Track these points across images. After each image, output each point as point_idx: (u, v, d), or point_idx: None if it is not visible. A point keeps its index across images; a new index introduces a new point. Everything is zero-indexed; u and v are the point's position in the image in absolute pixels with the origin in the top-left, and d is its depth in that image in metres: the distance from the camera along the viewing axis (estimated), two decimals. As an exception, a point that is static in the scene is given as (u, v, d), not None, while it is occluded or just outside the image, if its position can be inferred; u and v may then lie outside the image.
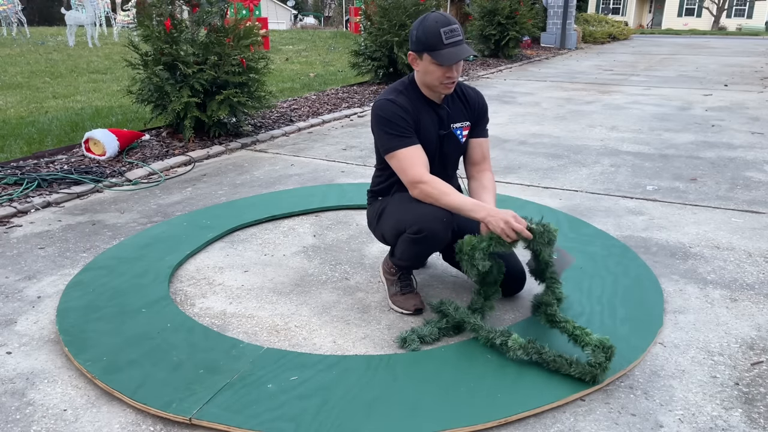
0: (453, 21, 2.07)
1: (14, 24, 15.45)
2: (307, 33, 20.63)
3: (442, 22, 2.06)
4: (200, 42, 4.86)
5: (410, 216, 2.15)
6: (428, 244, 2.19)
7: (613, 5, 40.54)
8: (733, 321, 2.27)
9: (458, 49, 2.07)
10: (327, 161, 4.61)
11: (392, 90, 2.24)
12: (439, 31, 2.04)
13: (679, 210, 3.48)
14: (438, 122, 2.26)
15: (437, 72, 2.10)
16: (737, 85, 8.81)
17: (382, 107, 2.18)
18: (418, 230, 2.12)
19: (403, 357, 2.01)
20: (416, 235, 2.13)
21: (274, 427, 1.67)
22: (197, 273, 2.72)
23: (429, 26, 2.06)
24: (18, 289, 2.55)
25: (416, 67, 2.17)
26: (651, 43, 19.67)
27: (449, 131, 2.28)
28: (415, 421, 1.70)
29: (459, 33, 2.07)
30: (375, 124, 2.21)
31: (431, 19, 2.07)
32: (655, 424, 1.71)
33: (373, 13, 8.08)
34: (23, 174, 3.93)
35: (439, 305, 2.22)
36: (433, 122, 2.24)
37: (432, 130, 2.24)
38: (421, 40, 2.08)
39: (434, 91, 2.20)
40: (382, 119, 2.18)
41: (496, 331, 2.01)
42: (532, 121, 6.10)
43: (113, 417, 1.76)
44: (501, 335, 1.99)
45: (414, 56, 2.15)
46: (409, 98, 2.21)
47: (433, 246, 2.21)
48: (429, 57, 2.08)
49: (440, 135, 2.27)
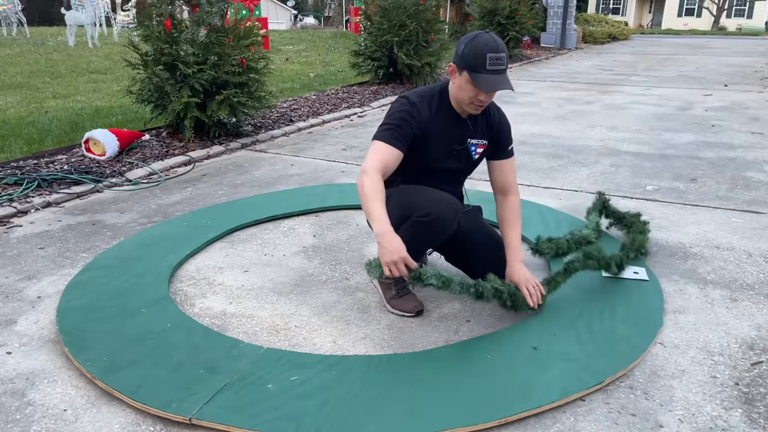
0: (502, 49, 2.05)
1: (14, 24, 15.46)
2: (307, 33, 20.63)
3: (492, 47, 2.03)
4: (200, 42, 4.86)
5: (418, 200, 2.15)
6: (435, 229, 2.15)
7: (613, 5, 40.55)
8: (733, 321, 2.27)
9: (498, 78, 2.05)
10: (327, 161, 4.61)
11: (420, 93, 2.24)
12: (485, 55, 2.02)
13: (679, 210, 3.48)
14: (458, 137, 2.25)
15: (471, 92, 2.10)
16: (737, 85, 8.82)
17: (401, 105, 2.20)
18: (426, 213, 2.10)
19: (403, 357, 2.01)
20: (424, 218, 2.10)
21: (274, 427, 1.67)
22: (197, 273, 2.72)
23: (477, 47, 2.04)
24: (18, 289, 2.55)
25: (453, 79, 2.16)
26: (651, 43, 19.68)
27: (465, 146, 2.28)
28: (415, 421, 1.70)
29: (504, 62, 2.05)
30: (387, 111, 2.23)
31: (482, 41, 2.05)
32: (655, 424, 1.71)
33: (373, 13, 8.08)
34: (23, 174, 3.93)
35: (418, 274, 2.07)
36: (451, 135, 2.24)
37: (448, 142, 2.24)
38: (466, 57, 2.06)
39: (462, 108, 2.21)
40: (392, 113, 2.20)
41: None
42: (532, 121, 6.10)
43: (113, 417, 1.76)
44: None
45: (454, 68, 2.13)
46: (435, 106, 2.21)
47: (439, 232, 2.17)
48: (468, 76, 2.07)
49: (455, 149, 2.26)
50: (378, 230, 1.97)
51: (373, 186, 2.04)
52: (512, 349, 2.03)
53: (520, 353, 2.01)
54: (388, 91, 7.94)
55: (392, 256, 1.94)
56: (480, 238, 2.36)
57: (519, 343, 2.06)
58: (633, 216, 2.96)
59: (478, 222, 2.41)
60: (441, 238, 2.22)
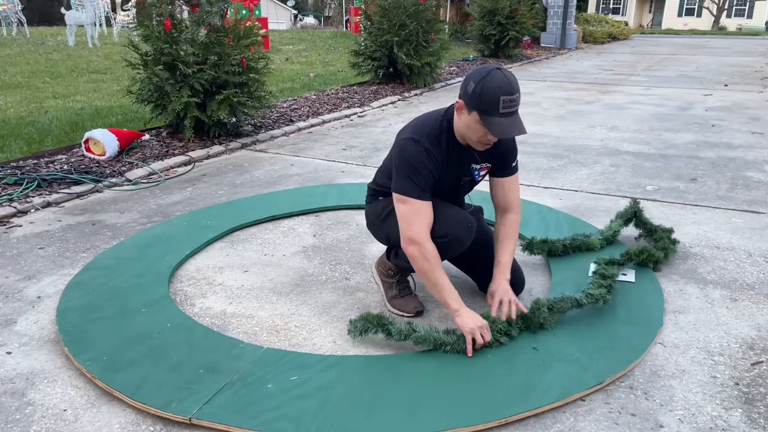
0: (516, 89, 1.91)
1: (14, 24, 15.44)
2: (307, 33, 20.63)
3: (505, 88, 1.89)
4: (200, 42, 4.86)
5: (435, 221, 2.09)
6: (451, 249, 2.16)
7: (613, 5, 40.53)
8: (733, 321, 2.27)
9: (511, 122, 1.92)
10: (327, 161, 4.61)
11: (428, 134, 2.08)
12: (498, 98, 1.88)
13: (679, 210, 3.48)
14: (465, 169, 2.19)
15: (480, 132, 1.97)
16: (737, 85, 8.81)
17: (414, 153, 2.05)
18: (444, 234, 2.09)
19: (403, 357, 2.01)
20: (442, 239, 2.08)
21: (274, 427, 1.67)
22: (197, 273, 2.72)
23: (490, 88, 1.88)
24: (18, 289, 2.55)
25: (460, 114, 2.02)
26: (651, 43, 19.68)
27: (470, 176, 2.23)
28: (415, 421, 1.70)
29: (517, 103, 1.92)
30: (399, 162, 2.08)
31: (495, 81, 1.89)
32: (655, 424, 1.71)
33: (373, 13, 8.08)
34: (23, 174, 3.93)
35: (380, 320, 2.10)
36: (458, 166, 2.17)
37: (455, 173, 2.18)
38: (476, 98, 1.91)
39: (468, 144, 2.11)
40: (409, 164, 2.05)
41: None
42: (532, 121, 6.10)
43: (113, 417, 1.76)
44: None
45: (462, 105, 1.98)
46: (444, 146, 2.10)
47: (455, 251, 2.19)
48: (478, 117, 1.93)
49: (463, 180, 2.22)
50: (455, 306, 2.05)
51: (433, 257, 2.04)
52: (512, 349, 2.03)
53: (520, 353, 2.01)
54: (388, 90, 7.94)
55: (476, 326, 2.01)
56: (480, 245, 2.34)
57: (519, 344, 2.06)
58: (665, 231, 2.85)
59: (480, 227, 2.39)
60: (456, 255, 2.26)
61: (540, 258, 2.80)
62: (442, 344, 2.01)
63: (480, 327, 2.01)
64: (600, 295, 2.23)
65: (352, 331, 2.11)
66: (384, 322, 2.07)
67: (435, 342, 2.02)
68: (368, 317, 2.10)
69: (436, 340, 2.02)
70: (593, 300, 2.22)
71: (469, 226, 2.14)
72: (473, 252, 2.34)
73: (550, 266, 2.66)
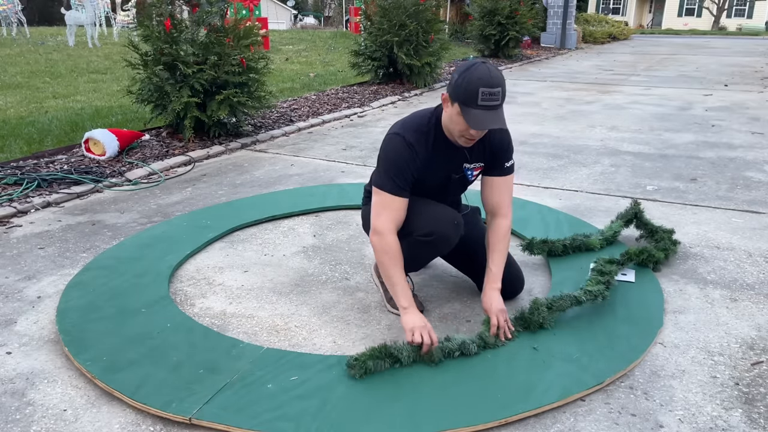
0: (497, 83, 1.89)
1: (14, 24, 15.45)
2: (307, 33, 20.62)
3: (486, 81, 1.87)
4: (200, 42, 4.86)
5: (420, 218, 2.10)
6: (437, 248, 2.17)
7: (613, 5, 40.53)
8: (733, 321, 2.27)
9: (490, 115, 1.90)
10: (327, 161, 4.61)
11: (415, 129, 2.09)
12: (477, 90, 1.87)
13: (679, 210, 3.48)
14: (454, 166, 2.18)
15: (461, 125, 1.97)
16: (737, 85, 8.82)
17: (396, 147, 2.07)
18: (428, 233, 2.09)
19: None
20: (426, 237, 2.09)
21: (274, 427, 1.67)
22: (197, 273, 2.72)
23: (471, 80, 1.89)
24: (18, 289, 2.55)
25: (445, 108, 2.04)
26: (651, 43, 19.68)
27: (461, 174, 2.22)
28: (415, 421, 1.70)
29: (498, 97, 1.90)
30: (382, 155, 2.12)
31: (476, 73, 1.89)
32: (655, 424, 1.71)
33: (373, 13, 8.08)
34: (23, 174, 3.93)
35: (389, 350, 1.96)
36: (448, 164, 2.16)
37: (444, 171, 2.17)
38: (459, 89, 1.92)
39: (453, 138, 2.09)
40: (389, 159, 2.08)
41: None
42: (532, 121, 6.10)
43: (113, 417, 1.76)
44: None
45: (446, 98, 2.00)
46: (431, 142, 2.10)
47: (442, 249, 2.19)
48: (459, 109, 1.94)
49: (452, 178, 2.21)
50: (404, 304, 2.03)
51: (392, 250, 2.03)
52: (512, 349, 2.03)
53: (520, 353, 2.01)
54: (388, 90, 7.94)
55: (417, 326, 1.98)
56: (478, 245, 2.33)
57: (519, 343, 2.06)
58: (666, 232, 2.85)
59: (477, 227, 2.39)
60: (444, 253, 2.26)
61: (540, 258, 2.80)
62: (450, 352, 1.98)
63: (421, 327, 1.97)
64: (598, 292, 2.23)
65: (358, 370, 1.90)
66: (391, 351, 1.95)
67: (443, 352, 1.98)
68: (373, 353, 1.93)
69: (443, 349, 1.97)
70: (592, 297, 2.22)
71: (456, 224, 2.13)
72: (472, 252, 2.34)
73: (550, 266, 2.66)
